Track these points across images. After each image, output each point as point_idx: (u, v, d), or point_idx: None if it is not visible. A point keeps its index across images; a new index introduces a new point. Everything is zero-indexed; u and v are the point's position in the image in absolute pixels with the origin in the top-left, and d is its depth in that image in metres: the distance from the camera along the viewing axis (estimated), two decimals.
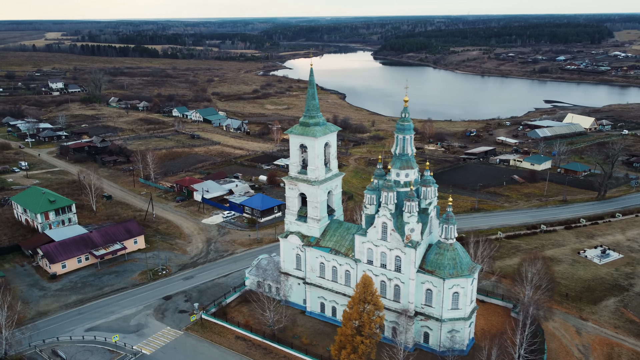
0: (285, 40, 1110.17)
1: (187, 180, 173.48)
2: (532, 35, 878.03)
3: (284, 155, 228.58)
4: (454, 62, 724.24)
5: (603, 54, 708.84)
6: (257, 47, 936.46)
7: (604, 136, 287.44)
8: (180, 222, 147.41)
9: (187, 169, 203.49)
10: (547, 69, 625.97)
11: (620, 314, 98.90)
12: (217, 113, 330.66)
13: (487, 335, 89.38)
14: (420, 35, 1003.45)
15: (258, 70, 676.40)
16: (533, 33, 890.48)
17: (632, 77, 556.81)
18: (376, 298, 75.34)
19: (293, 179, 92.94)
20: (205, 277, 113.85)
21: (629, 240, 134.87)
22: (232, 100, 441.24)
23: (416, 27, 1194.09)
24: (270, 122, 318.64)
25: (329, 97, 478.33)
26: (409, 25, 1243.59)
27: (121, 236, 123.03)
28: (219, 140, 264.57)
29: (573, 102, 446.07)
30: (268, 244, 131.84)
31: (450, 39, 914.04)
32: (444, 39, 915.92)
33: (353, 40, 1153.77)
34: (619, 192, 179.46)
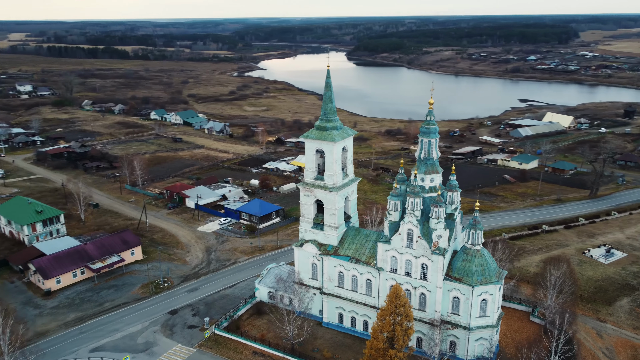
0: (257, 41, 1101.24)
1: (178, 186, 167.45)
2: (502, 36, 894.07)
3: (273, 158, 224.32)
4: (428, 63, 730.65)
5: (571, 54, 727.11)
6: (229, 48, 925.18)
7: (584, 134, 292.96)
8: (175, 230, 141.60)
9: (175, 174, 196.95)
10: (519, 68, 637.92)
11: (636, 314, 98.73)
12: (197, 115, 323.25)
13: (511, 342, 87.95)
14: (392, 35, 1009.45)
15: (232, 72, 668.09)
16: (503, 33, 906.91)
17: (601, 76, 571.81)
18: (408, 309, 72.39)
19: (309, 185, 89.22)
20: (210, 288, 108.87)
21: (629, 239, 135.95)
22: (210, 102, 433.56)
23: (388, 28, 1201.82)
24: (252, 124, 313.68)
25: (307, 98, 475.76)
26: (380, 26, 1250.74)
27: (118, 247, 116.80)
28: (203, 143, 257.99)
29: (547, 101, 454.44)
30: (271, 251, 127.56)
31: (422, 39, 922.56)
32: (416, 39, 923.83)
33: (326, 41, 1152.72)
34: (609, 190, 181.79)
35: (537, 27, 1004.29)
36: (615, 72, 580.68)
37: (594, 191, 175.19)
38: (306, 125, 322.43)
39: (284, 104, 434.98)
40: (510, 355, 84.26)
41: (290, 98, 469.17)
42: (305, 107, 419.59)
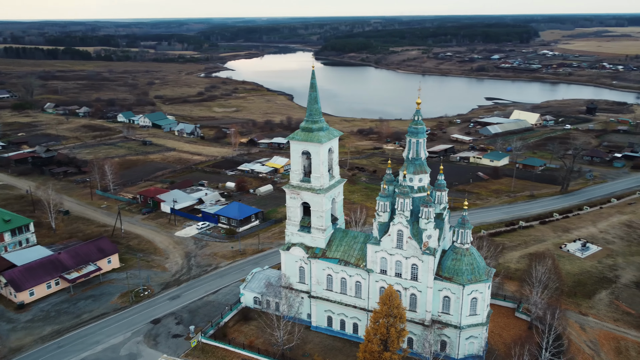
0: (224, 41, 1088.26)
1: (152, 190, 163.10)
2: (466, 35, 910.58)
3: (247, 160, 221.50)
4: (395, 62, 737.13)
5: (533, 53, 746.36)
6: (195, 48, 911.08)
7: (550, 131, 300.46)
8: (151, 236, 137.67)
9: (147, 178, 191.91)
10: (484, 67, 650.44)
11: (615, 306, 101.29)
12: (166, 117, 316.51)
13: (499, 339, 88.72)
14: (359, 35, 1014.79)
15: (199, 72, 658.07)
16: (467, 33, 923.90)
17: (562, 74, 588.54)
18: (402, 311, 71.96)
19: (295, 187, 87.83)
20: (192, 295, 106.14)
21: (602, 232, 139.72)
22: (177, 104, 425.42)
23: (354, 28, 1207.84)
24: (223, 126, 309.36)
25: (277, 98, 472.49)
26: (347, 26, 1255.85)
27: (94, 256, 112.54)
28: (174, 146, 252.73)
29: (512, 98, 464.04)
30: (252, 255, 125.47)
31: (389, 39, 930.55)
32: (382, 39, 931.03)
33: (293, 41, 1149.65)
34: (579, 185, 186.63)
35: (499, 27, 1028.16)
36: (575, 70, 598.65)
37: (565, 186, 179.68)
38: (278, 126, 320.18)
39: (253, 104, 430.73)
40: (500, 352, 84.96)
41: (260, 98, 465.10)
42: (275, 108, 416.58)
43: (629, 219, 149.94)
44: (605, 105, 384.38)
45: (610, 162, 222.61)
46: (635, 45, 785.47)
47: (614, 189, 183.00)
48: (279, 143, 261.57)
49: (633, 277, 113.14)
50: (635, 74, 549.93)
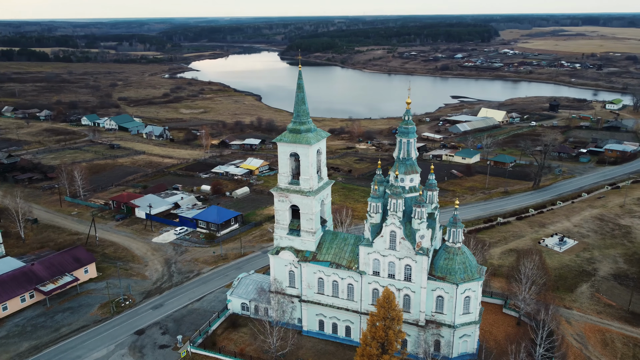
0: (187, 42, 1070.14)
1: (125, 195, 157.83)
2: (429, 35, 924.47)
3: (220, 162, 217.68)
4: (361, 62, 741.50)
5: (494, 52, 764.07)
6: (157, 48, 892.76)
7: (516, 128, 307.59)
8: (127, 243, 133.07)
9: (117, 183, 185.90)
10: (448, 66, 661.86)
11: (596, 299, 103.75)
12: (133, 120, 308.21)
13: (489, 335, 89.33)
14: (324, 35, 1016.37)
15: (163, 73, 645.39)
16: (430, 33, 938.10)
17: (523, 72, 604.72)
18: (399, 313, 71.36)
19: (284, 190, 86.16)
20: (176, 303, 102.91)
21: (576, 227, 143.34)
22: (143, 106, 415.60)
23: (319, 28, 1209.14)
24: (192, 127, 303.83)
25: (245, 99, 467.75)
26: (311, 26, 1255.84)
27: (69, 266, 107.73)
28: (143, 149, 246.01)
29: (477, 96, 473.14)
30: (235, 260, 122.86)
31: (353, 38, 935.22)
32: (347, 38, 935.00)
33: (257, 41, 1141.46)
34: (549, 181, 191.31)
35: (461, 27, 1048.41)
36: (535, 69, 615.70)
37: (537, 182, 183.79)
38: (248, 127, 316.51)
39: (221, 105, 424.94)
40: (491, 349, 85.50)
41: (228, 99, 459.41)
42: (244, 109, 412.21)
43: (600, 212, 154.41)
44: (566, 102, 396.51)
45: (576, 157, 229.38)
46: (589, 44, 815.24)
47: (582, 183, 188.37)
48: (252, 144, 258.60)
49: (610, 269, 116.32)
50: (591, 72, 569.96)
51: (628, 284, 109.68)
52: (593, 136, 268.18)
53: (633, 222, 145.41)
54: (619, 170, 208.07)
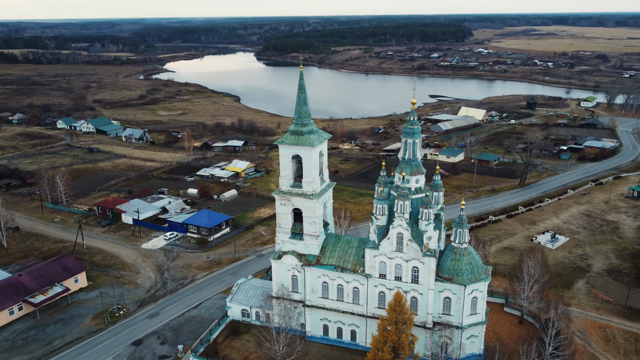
0: (160, 42, 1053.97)
1: (110, 201, 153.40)
2: (404, 35, 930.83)
3: (204, 165, 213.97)
4: (338, 62, 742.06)
5: (469, 51, 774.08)
6: (131, 49, 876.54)
7: (496, 126, 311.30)
8: (116, 250, 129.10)
9: (100, 188, 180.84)
10: (424, 65, 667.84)
11: (593, 295, 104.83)
12: (111, 123, 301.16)
13: (493, 335, 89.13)
14: (299, 35, 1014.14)
15: (138, 74, 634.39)
16: (405, 32, 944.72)
17: (498, 71, 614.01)
18: (411, 316, 70.38)
19: (285, 193, 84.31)
20: (172, 311, 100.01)
21: (566, 223, 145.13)
22: (119, 108, 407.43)
23: (294, 28, 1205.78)
24: (172, 130, 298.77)
25: (223, 100, 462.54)
26: (286, 26, 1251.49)
27: (59, 276, 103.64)
28: (123, 152, 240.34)
29: (454, 96, 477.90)
30: (229, 265, 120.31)
31: (329, 38, 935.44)
32: (323, 39, 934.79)
33: (232, 41, 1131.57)
34: (534, 178, 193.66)
35: (435, 27, 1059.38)
36: (510, 67, 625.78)
37: (523, 180, 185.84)
38: (229, 129, 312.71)
39: (200, 107, 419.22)
40: (497, 349, 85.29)
41: (206, 100, 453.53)
42: (223, 110, 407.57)
43: (586, 208, 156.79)
44: (542, 100, 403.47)
45: (557, 154, 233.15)
46: (560, 43, 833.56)
47: (566, 180, 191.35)
48: (235, 146, 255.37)
49: (603, 265, 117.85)
50: (564, 71, 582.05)
51: (622, 279, 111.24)
52: (572, 133, 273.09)
53: (620, 218, 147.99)
54: (600, 166, 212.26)
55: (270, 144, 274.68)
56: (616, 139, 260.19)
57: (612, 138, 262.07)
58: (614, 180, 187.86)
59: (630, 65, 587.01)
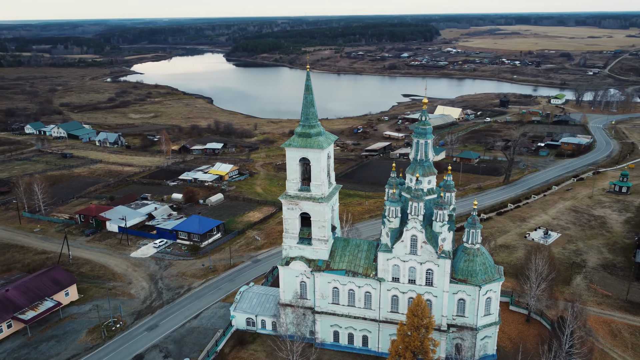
0: (125, 44, 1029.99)
1: (93, 208, 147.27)
2: (373, 35, 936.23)
3: (185, 169, 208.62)
4: (309, 62, 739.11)
5: (438, 51, 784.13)
6: (96, 51, 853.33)
7: (472, 124, 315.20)
8: (104, 260, 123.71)
9: (79, 195, 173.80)
10: (395, 65, 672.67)
11: (593, 290, 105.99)
12: (83, 127, 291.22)
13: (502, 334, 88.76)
14: (269, 36, 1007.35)
15: (105, 77, 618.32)
16: (374, 32, 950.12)
17: (467, 70, 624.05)
18: (432, 320, 69.04)
19: (293, 197, 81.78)
20: (172, 322, 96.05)
21: (555, 219, 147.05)
22: (88, 111, 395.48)
23: (263, 28, 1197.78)
24: (147, 133, 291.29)
25: (196, 102, 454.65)
26: (255, 27, 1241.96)
27: (48, 290, 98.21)
28: (99, 157, 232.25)
29: (427, 94, 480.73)
30: (225, 271, 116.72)
31: (299, 39, 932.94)
32: (293, 39, 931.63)
33: (200, 42, 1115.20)
34: (517, 175, 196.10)
35: (403, 26, 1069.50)
36: (479, 66, 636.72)
37: (508, 177, 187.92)
38: (206, 131, 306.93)
39: (172, 109, 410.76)
40: (508, 349, 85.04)
41: (178, 102, 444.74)
42: (197, 112, 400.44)
43: (572, 204, 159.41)
44: (514, 98, 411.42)
45: (536, 151, 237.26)
46: (525, 42, 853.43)
47: (548, 176, 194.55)
48: (214, 149, 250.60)
49: (598, 260, 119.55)
50: (531, 69, 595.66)
51: (617, 273, 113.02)
52: (547, 130, 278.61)
53: (605, 213, 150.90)
54: (578, 162, 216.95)
55: (250, 145, 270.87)
56: (589, 135, 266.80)
57: (585, 134, 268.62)
58: (594, 175, 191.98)
59: (593, 63, 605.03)
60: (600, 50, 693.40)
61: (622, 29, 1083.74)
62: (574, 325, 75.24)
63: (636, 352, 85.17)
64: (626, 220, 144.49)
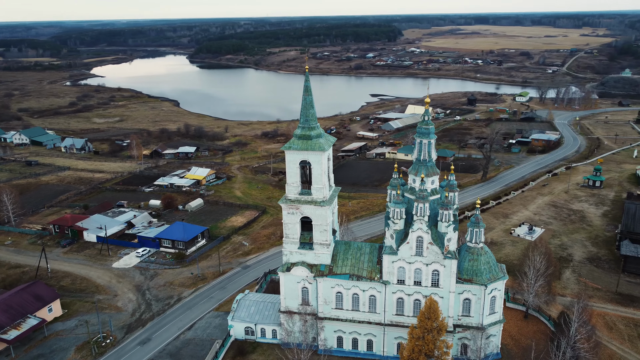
0: (84, 46, 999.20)
1: (68, 218, 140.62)
2: (338, 35, 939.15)
3: (158, 174, 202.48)
4: (275, 63, 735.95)
5: (402, 51, 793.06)
6: (52, 54, 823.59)
7: (443, 123, 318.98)
8: (85, 272, 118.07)
9: (50, 204, 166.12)
10: (361, 65, 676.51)
11: (583, 284, 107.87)
12: (46, 133, 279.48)
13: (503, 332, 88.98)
14: (232, 37, 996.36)
15: (64, 80, 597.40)
16: (339, 33, 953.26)
17: (432, 70, 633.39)
18: (444, 322, 68.23)
19: (294, 201, 79.56)
20: (165, 335, 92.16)
21: (536, 214, 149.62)
22: (48, 117, 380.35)
23: (225, 29, 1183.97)
24: (115, 138, 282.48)
25: (162, 105, 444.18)
26: (217, 28, 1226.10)
27: (31, 306, 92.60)
28: (66, 164, 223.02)
29: (394, 94, 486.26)
30: (214, 279, 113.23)
31: (263, 40, 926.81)
32: (257, 40, 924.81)
33: (162, 44, 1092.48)
34: (493, 172, 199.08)
35: (366, 27, 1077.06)
36: (443, 66, 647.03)
37: (485, 174, 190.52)
38: (176, 134, 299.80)
39: (138, 112, 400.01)
40: (510, 346, 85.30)
41: (143, 106, 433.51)
42: (164, 115, 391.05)
43: (550, 199, 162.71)
44: (480, 96, 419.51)
45: (508, 148, 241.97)
46: (486, 41, 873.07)
47: (523, 172, 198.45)
48: (187, 152, 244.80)
49: (583, 253, 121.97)
50: (493, 67, 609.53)
51: (603, 266, 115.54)
52: (517, 128, 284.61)
53: (583, 207, 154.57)
54: (549, 158, 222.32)
55: (223, 148, 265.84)
56: (557, 131, 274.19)
57: (553, 130, 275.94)
58: (567, 170, 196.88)
59: (552, 61, 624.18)
60: (557, 49, 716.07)
61: (575, 28, 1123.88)
62: (580, 320, 75.83)
63: (633, 343, 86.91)
64: (604, 214, 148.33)
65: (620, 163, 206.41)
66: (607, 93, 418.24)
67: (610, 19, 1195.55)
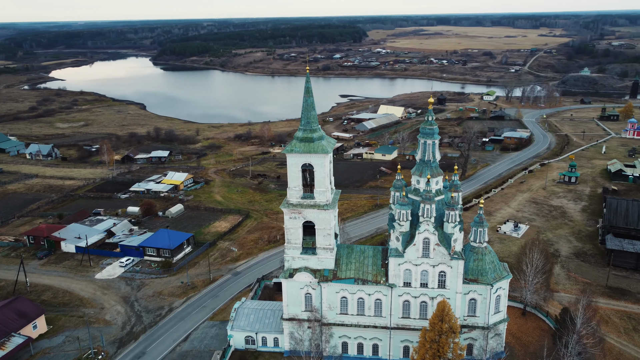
0: (40, 48, 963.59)
1: (43, 228, 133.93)
2: (303, 36, 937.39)
3: (133, 179, 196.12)
4: (242, 64, 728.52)
5: (369, 51, 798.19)
6: (7, 57, 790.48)
7: (416, 123, 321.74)
8: (66, 284, 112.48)
9: (20, 214, 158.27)
10: (329, 66, 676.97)
11: (573, 279, 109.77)
12: (9, 139, 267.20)
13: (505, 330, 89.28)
14: (196, 38, 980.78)
15: (21, 84, 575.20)
16: (304, 34, 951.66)
17: (398, 70, 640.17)
18: (457, 325, 67.60)
19: (296, 206, 77.54)
20: (160, 348, 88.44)
21: (519, 211, 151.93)
22: (8, 122, 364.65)
23: (188, 31, 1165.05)
24: (83, 143, 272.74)
25: (128, 108, 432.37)
26: (180, 29, 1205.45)
27: (14, 324, 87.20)
28: (33, 171, 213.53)
29: (363, 94, 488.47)
30: (205, 287, 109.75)
31: (228, 41, 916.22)
32: (222, 41, 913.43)
33: (123, 46, 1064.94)
34: (471, 170, 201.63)
35: (331, 28, 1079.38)
36: (409, 66, 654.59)
37: (464, 172, 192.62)
38: (145, 139, 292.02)
39: (103, 116, 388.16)
40: (512, 344, 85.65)
41: (108, 110, 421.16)
42: (131, 119, 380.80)
43: (530, 196, 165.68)
44: (449, 95, 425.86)
45: (482, 146, 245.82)
46: (449, 42, 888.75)
47: (499, 170, 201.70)
48: (160, 157, 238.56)
49: (569, 249, 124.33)
50: (458, 67, 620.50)
51: (590, 260, 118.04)
52: (489, 126, 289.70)
53: (562, 203, 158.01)
54: (522, 155, 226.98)
55: (197, 152, 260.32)
56: (527, 129, 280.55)
57: (523, 128, 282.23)
58: (541, 167, 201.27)
59: (514, 61, 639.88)
60: (518, 49, 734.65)
61: (533, 28, 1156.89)
62: (584, 317, 76.66)
63: (630, 336, 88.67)
64: (583, 209, 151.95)
65: (590, 159, 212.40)
66: (568, 91, 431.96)
67: (566, 20, 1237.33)
